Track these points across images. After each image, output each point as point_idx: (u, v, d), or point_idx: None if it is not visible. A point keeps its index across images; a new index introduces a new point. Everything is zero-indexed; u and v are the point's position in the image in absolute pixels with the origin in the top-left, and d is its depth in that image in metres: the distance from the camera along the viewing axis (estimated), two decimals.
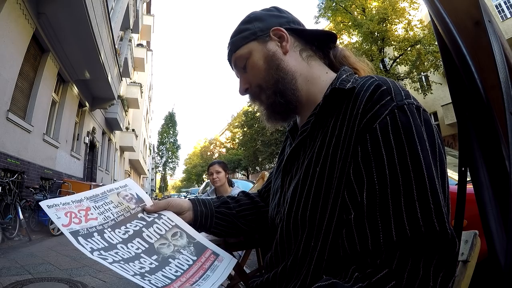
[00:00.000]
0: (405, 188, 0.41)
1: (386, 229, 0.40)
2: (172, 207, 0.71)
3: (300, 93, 0.62)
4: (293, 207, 0.54)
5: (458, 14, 0.44)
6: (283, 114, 0.64)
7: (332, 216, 0.48)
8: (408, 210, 0.40)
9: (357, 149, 0.47)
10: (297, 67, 0.62)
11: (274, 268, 0.59)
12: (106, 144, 13.38)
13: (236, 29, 0.67)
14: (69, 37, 5.91)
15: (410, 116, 0.44)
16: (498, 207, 0.41)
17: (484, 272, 0.70)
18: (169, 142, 39.95)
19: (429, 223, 0.39)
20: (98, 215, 0.58)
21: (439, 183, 0.42)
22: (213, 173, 2.48)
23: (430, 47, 11.10)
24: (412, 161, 0.41)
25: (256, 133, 21.92)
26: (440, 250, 0.39)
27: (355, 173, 0.46)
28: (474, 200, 0.44)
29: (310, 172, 0.53)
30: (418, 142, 0.42)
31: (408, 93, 0.48)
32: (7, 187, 4.41)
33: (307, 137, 0.59)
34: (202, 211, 0.75)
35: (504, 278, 0.36)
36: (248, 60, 0.64)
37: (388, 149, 0.43)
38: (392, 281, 0.38)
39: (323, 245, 0.49)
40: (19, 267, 2.99)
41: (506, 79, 0.39)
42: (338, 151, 0.50)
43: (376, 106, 0.46)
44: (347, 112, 0.51)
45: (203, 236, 0.68)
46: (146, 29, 19.96)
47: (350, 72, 0.60)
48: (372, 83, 0.50)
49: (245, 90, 0.67)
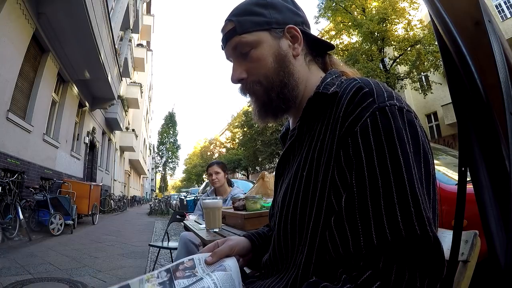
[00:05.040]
0: (385, 190, 0.40)
1: (366, 232, 0.39)
2: (239, 251, 0.63)
3: (298, 99, 0.61)
4: (284, 211, 0.54)
5: (458, 14, 0.44)
6: (276, 114, 0.62)
7: (318, 220, 0.48)
8: (388, 214, 0.39)
9: (340, 153, 0.46)
10: (301, 73, 0.60)
11: (271, 270, 0.59)
12: (106, 144, 13.38)
13: (247, 8, 0.60)
14: (69, 37, 5.91)
15: (391, 118, 0.43)
16: (498, 207, 0.41)
17: (484, 272, 0.70)
18: (169, 142, 39.91)
19: (409, 227, 0.38)
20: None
21: (422, 185, 0.41)
22: (212, 174, 2.47)
23: (430, 47, 11.09)
24: (392, 163, 0.40)
25: (256, 133, 21.91)
26: (422, 254, 0.38)
27: (340, 178, 0.45)
28: (474, 200, 0.44)
29: (298, 176, 0.53)
30: (399, 144, 0.41)
31: (391, 94, 0.47)
32: (7, 187, 4.41)
33: (295, 141, 0.60)
34: (259, 248, 0.69)
35: (504, 278, 0.36)
36: (254, 50, 0.58)
37: (368, 151, 0.42)
38: (377, 282, 0.37)
39: (310, 249, 0.49)
40: (19, 267, 2.99)
41: (506, 79, 0.39)
42: (321, 155, 0.50)
43: (358, 109, 0.46)
44: (331, 116, 0.51)
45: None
46: (146, 29, 19.95)
47: (336, 74, 0.59)
48: (354, 85, 0.49)
49: (239, 79, 0.61)
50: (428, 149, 0.45)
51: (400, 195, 0.39)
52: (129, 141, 16.92)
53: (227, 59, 0.65)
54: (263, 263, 0.63)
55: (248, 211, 1.57)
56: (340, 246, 0.42)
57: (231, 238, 0.66)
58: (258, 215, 1.49)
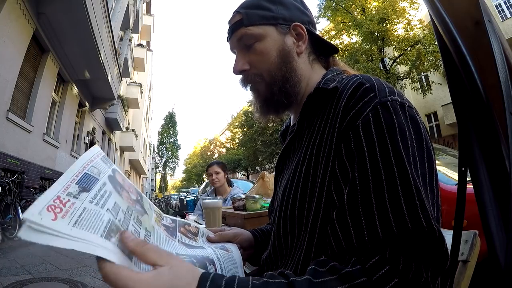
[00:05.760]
0: (388, 183, 0.39)
1: (371, 225, 0.38)
2: (242, 241, 0.64)
3: (300, 95, 0.62)
4: (283, 206, 0.55)
5: (458, 14, 0.44)
6: (278, 109, 0.63)
7: (317, 215, 0.48)
8: (393, 206, 0.38)
9: (341, 147, 0.46)
10: (304, 70, 0.61)
11: (270, 267, 0.59)
12: (106, 144, 13.38)
13: (256, 2, 0.61)
14: (69, 37, 5.91)
15: (393, 113, 0.43)
16: (498, 207, 0.41)
17: (484, 272, 0.70)
18: (169, 142, 39.93)
19: (416, 219, 0.37)
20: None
21: (425, 180, 0.41)
22: (212, 174, 2.47)
23: (430, 47, 11.09)
24: (395, 156, 0.40)
25: (256, 133, 21.90)
26: (428, 247, 0.38)
27: (341, 172, 0.45)
28: (474, 200, 0.44)
29: (298, 172, 0.53)
30: (401, 138, 0.41)
31: (392, 90, 0.47)
32: (7, 187, 4.40)
33: (295, 137, 0.60)
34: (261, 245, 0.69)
35: (504, 278, 0.36)
36: (259, 43, 0.59)
37: (370, 144, 0.42)
38: (386, 266, 0.36)
39: (309, 245, 0.48)
40: (19, 267, 2.99)
41: (506, 79, 0.39)
42: (321, 150, 0.50)
43: (359, 104, 0.46)
44: (331, 111, 0.51)
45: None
46: (146, 29, 19.95)
47: (338, 71, 0.60)
48: (355, 81, 0.49)
49: (241, 71, 0.62)
50: (430, 145, 0.45)
51: (404, 188, 0.38)
52: (129, 141, 16.91)
53: (231, 51, 0.66)
54: (263, 260, 0.63)
55: (248, 211, 1.57)
56: (343, 241, 0.41)
57: (236, 228, 0.68)
58: (258, 215, 1.49)
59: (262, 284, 0.37)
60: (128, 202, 0.41)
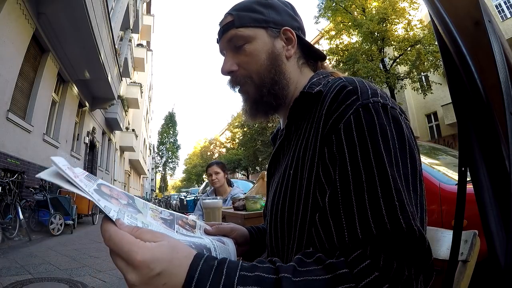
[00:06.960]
0: (368, 185, 0.40)
1: (351, 226, 0.39)
2: (238, 236, 0.64)
3: (289, 98, 0.62)
4: (274, 210, 0.56)
5: (458, 14, 0.44)
6: (267, 111, 0.64)
7: (305, 217, 0.48)
8: (372, 207, 0.39)
9: (324, 150, 0.46)
10: (293, 74, 0.62)
11: None
12: (106, 144, 13.38)
13: (248, 5, 0.62)
14: (69, 37, 5.91)
15: (375, 114, 0.43)
16: (498, 207, 0.41)
17: (484, 272, 0.70)
18: (169, 142, 39.95)
19: (394, 220, 0.37)
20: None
21: (408, 181, 0.41)
22: (211, 174, 2.47)
23: (430, 47, 11.09)
24: (375, 158, 0.40)
25: (256, 133, 21.92)
26: (408, 247, 0.38)
27: (325, 175, 0.46)
28: (474, 200, 0.44)
29: (286, 176, 0.54)
30: (382, 140, 0.41)
31: (375, 92, 0.47)
32: (7, 187, 4.41)
33: (284, 141, 0.62)
34: (258, 243, 0.70)
35: (504, 278, 0.36)
36: (249, 44, 0.60)
37: (351, 147, 0.42)
38: (367, 260, 0.37)
39: (298, 247, 0.49)
40: (19, 267, 2.99)
41: (506, 79, 0.39)
42: (306, 153, 0.50)
43: (341, 107, 0.46)
44: (315, 115, 0.52)
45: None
46: (146, 29, 19.96)
47: (324, 74, 0.61)
48: (338, 84, 0.50)
49: (230, 71, 0.62)
50: (414, 145, 0.45)
51: (384, 189, 0.39)
52: (129, 141, 16.93)
53: (220, 53, 0.66)
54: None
55: (248, 211, 1.57)
56: (326, 242, 0.42)
57: (233, 223, 0.69)
58: (258, 215, 1.49)
59: (251, 266, 0.38)
60: (118, 206, 0.42)
